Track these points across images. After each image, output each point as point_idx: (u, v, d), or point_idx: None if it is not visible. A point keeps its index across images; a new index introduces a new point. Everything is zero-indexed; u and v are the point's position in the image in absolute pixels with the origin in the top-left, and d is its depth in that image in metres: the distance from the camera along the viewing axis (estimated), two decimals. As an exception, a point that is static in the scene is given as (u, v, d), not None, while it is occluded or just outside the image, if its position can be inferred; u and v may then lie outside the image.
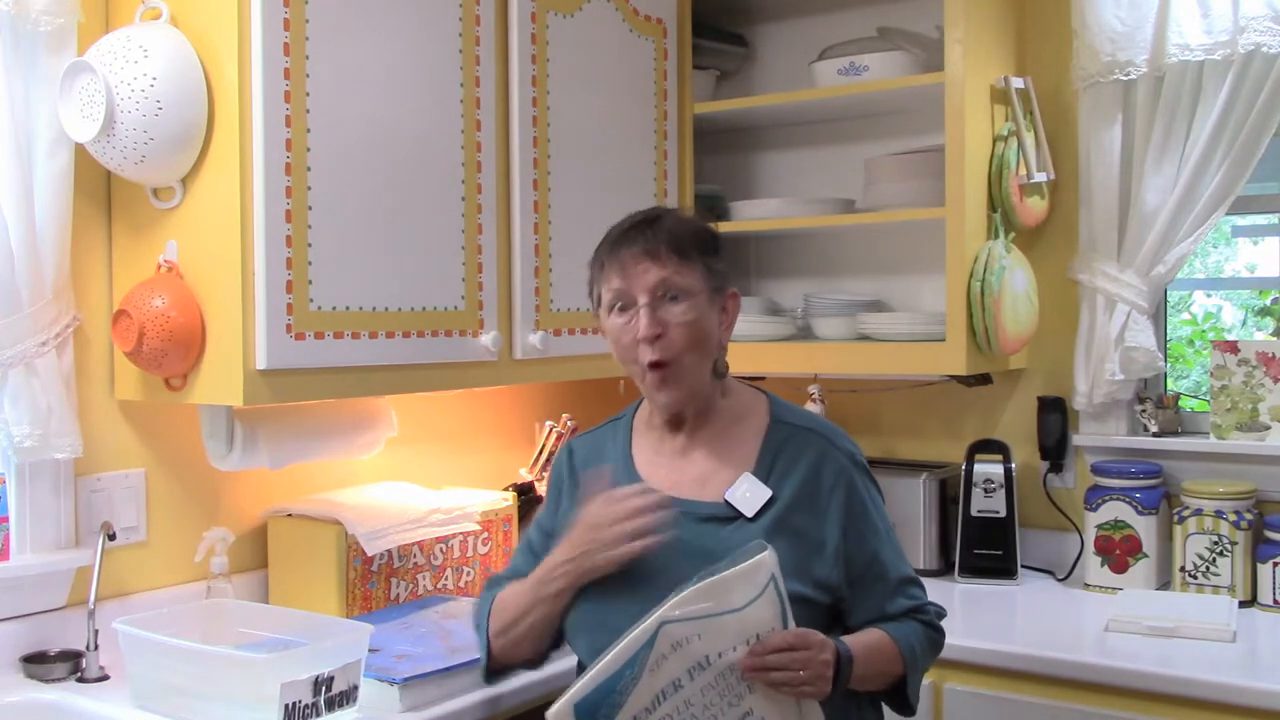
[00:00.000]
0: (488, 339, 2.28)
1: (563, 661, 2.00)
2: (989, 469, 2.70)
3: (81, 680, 1.96)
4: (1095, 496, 2.61)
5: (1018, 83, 2.66)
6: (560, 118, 2.46)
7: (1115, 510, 2.58)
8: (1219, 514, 2.47)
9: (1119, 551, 2.57)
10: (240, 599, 2.20)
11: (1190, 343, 3.49)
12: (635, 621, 1.50)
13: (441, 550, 2.42)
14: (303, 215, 1.96)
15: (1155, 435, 2.68)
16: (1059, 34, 2.73)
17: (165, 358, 1.93)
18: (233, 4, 1.90)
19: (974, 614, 2.46)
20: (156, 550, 2.20)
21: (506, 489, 2.63)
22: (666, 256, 1.68)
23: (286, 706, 1.70)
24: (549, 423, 2.74)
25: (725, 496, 1.69)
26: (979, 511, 2.69)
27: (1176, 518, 2.53)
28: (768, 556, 1.52)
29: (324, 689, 1.76)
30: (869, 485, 1.75)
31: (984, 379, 2.78)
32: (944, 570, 2.76)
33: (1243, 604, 2.43)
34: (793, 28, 3.13)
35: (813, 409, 2.80)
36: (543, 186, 2.42)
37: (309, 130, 1.97)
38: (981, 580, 2.68)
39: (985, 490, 2.69)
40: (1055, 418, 2.77)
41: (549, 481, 1.90)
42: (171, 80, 1.90)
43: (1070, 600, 2.56)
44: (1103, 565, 2.59)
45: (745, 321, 2.79)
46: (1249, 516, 2.47)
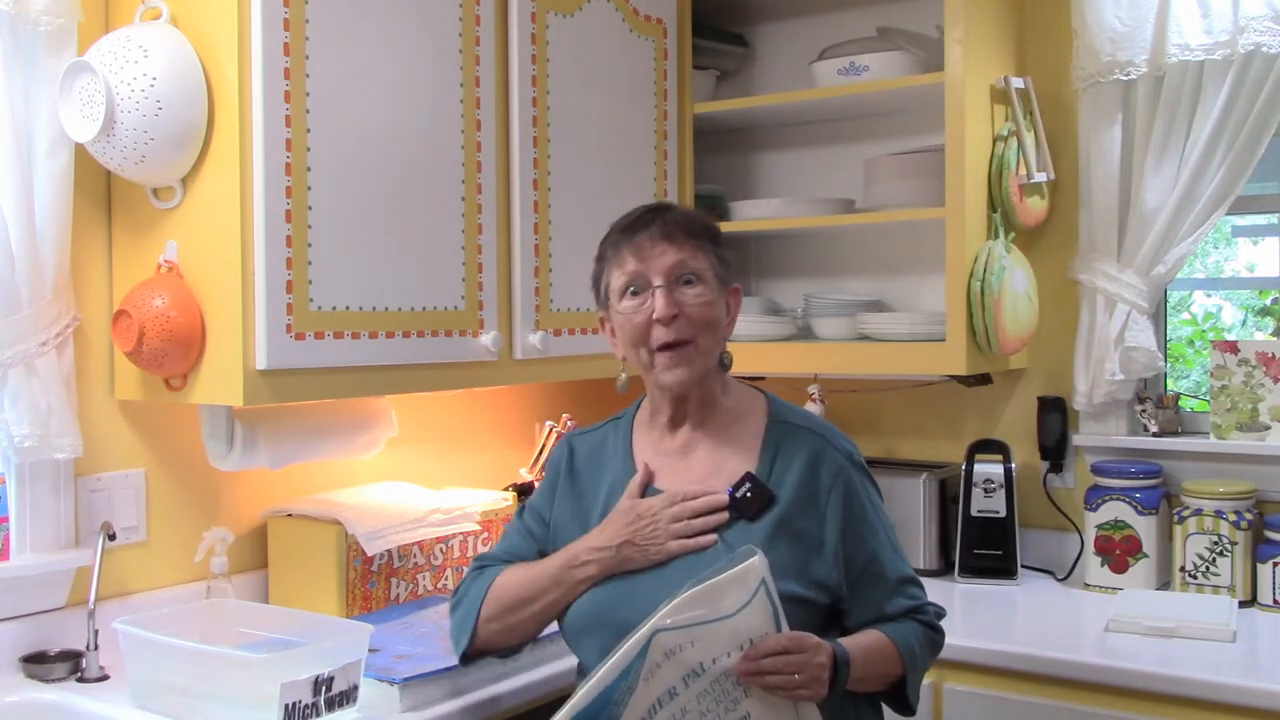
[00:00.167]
0: (488, 339, 2.28)
1: (562, 662, 2.01)
2: (989, 469, 2.70)
3: (81, 680, 1.96)
4: (1095, 496, 2.61)
5: (1018, 83, 2.66)
6: (560, 118, 2.46)
7: (1115, 510, 2.58)
8: (1219, 514, 2.47)
9: (1119, 551, 2.57)
10: (240, 599, 2.20)
11: (1190, 343, 3.49)
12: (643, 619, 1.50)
13: (441, 550, 2.42)
14: (303, 215, 1.96)
15: (1155, 435, 2.68)
16: (1059, 34, 2.73)
17: (165, 358, 1.93)
18: (233, 4, 1.90)
19: (974, 614, 2.45)
20: (156, 550, 2.20)
21: (506, 489, 2.63)
22: (683, 240, 1.70)
23: (286, 706, 1.70)
24: (549, 423, 2.74)
25: (727, 496, 1.69)
26: (979, 511, 2.69)
27: (1176, 518, 2.53)
28: (757, 561, 1.51)
29: (324, 689, 1.75)
30: (867, 485, 1.75)
31: (984, 379, 2.78)
32: (944, 570, 2.76)
33: (1243, 604, 2.43)
34: (793, 28, 3.13)
35: (813, 409, 2.80)
36: (543, 186, 2.42)
37: (309, 130, 1.97)
38: (981, 580, 2.68)
39: (985, 490, 2.69)
40: (1055, 418, 2.77)
41: (545, 470, 1.90)
42: (171, 80, 1.89)
43: (1070, 600, 2.56)
44: (1103, 565, 2.59)
45: (745, 321, 2.79)
46: (1249, 516, 2.47)
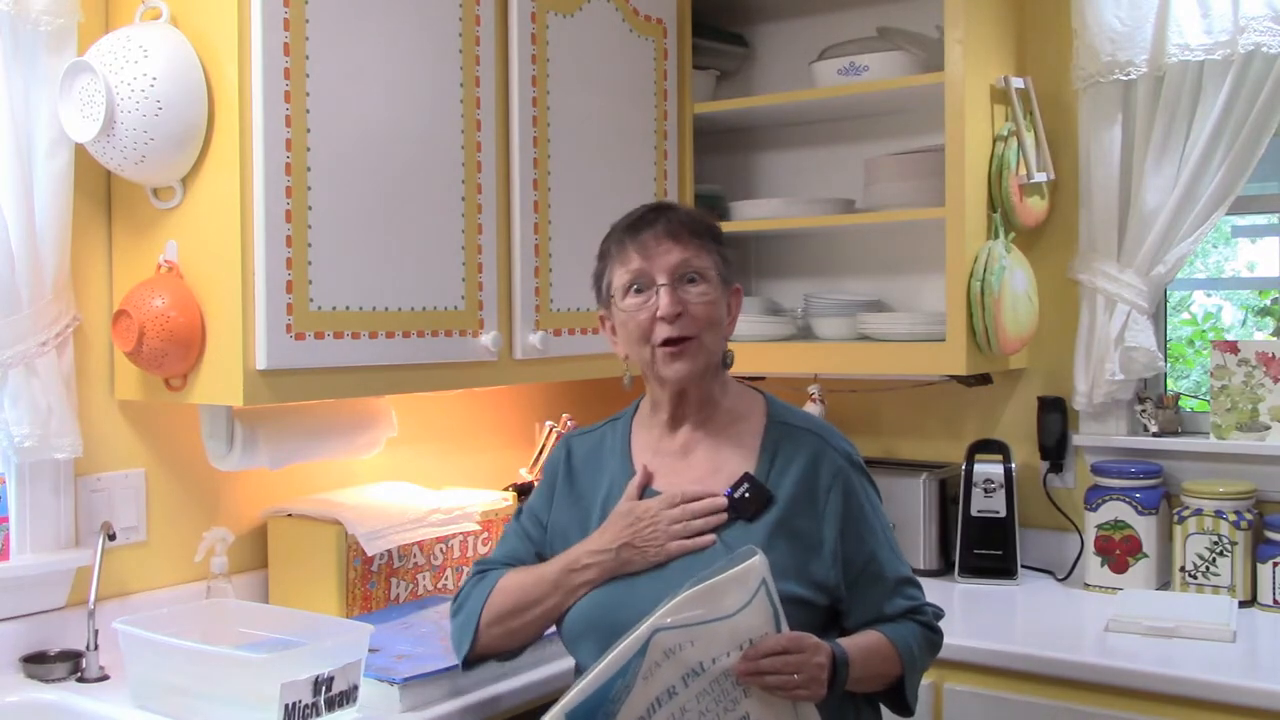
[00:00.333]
0: (488, 339, 2.28)
1: (561, 663, 2.00)
2: (989, 469, 2.70)
3: (81, 680, 1.96)
4: (1095, 496, 2.61)
5: (1018, 83, 2.66)
6: (560, 118, 2.46)
7: (1115, 510, 2.57)
8: (1219, 514, 2.47)
9: (1119, 551, 2.57)
10: (240, 599, 2.20)
11: (1190, 343, 3.49)
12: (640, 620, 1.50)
13: (441, 550, 2.42)
14: (303, 215, 1.96)
15: (1155, 435, 2.67)
16: (1059, 34, 2.73)
17: (165, 358, 1.93)
18: (233, 4, 1.90)
19: (974, 614, 2.45)
20: (156, 550, 2.20)
21: (506, 489, 2.63)
22: (687, 239, 1.71)
23: (286, 706, 1.70)
24: (549, 423, 2.74)
25: (726, 496, 1.69)
26: (979, 511, 2.69)
27: (1176, 518, 2.53)
28: (758, 561, 1.51)
29: (324, 689, 1.75)
30: (866, 485, 1.75)
31: (984, 379, 2.78)
32: (944, 570, 2.76)
33: (1243, 604, 2.43)
34: (793, 28, 3.13)
35: (813, 409, 2.80)
36: (543, 186, 2.42)
37: (309, 130, 1.97)
38: (981, 580, 2.68)
39: (985, 490, 2.69)
40: (1055, 418, 2.77)
41: (543, 472, 1.90)
42: (171, 80, 1.89)
43: (1070, 600, 2.56)
44: (1103, 565, 2.59)
45: (745, 321, 2.79)
46: (1249, 516, 2.47)
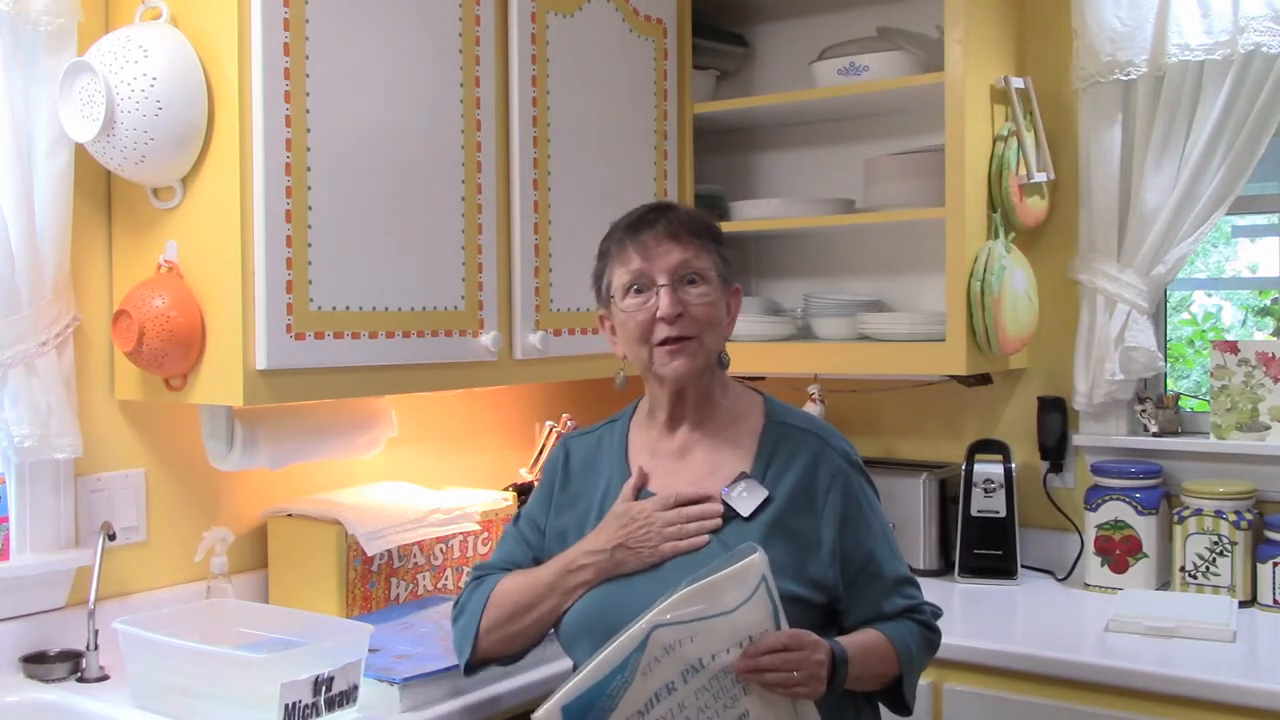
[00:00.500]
0: (488, 339, 2.28)
1: (561, 663, 2.00)
2: (989, 469, 2.70)
3: (81, 680, 1.96)
4: (1095, 496, 2.61)
5: (1018, 83, 2.66)
6: (560, 118, 2.46)
7: (1115, 510, 2.57)
8: (1219, 514, 2.47)
9: (1119, 551, 2.57)
10: (240, 599, 2.20)
11: (1190, 343, 3.49)
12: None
13: (441, 550, 2.42)
14: (303, 215, 1.96)
15: (1155, 435, 2.67)
16: (1059, 34, 2.73)
17: (165, 358, 1.93)
18: (233, 4, 1.90)
19: (974, 614, 2.45)
20: (156, 550, 2.20)
21: (506, 489, 2.63)
22: (688, 239, 1.71)
23: (286, 706, 1.70)
24: (549, 423, 2.74)
25: (722, 496, 1.69)
26: (979, 511, 2.69)
27: (1176, 518, 2.53)
28: (758, 558, 1.51)
29: (324, 689, 1.75)
30: (864, 485, 1.75)
31: (984, 379, 2.78)
32: (944, 570, 2.76)
33: (1243, 604, 2.43)
34: (793, 28, 3.13)
35: (813, 409, 2.80)
36: (543, 186, 2.42)
37: (309, 130, 1.97)
38: (981, 580, 2.68)
39: (985, 490, 2.69)
40: (1055, 418, 2.77)
41: (541, 475, 1.90)
42: (171, 80, 1.90)
43: (1070, 600, 2.56)
44: (1103, 565, 2.59)
45: (745, 321, 2.79)
46: (1249, 516, 2.47)
